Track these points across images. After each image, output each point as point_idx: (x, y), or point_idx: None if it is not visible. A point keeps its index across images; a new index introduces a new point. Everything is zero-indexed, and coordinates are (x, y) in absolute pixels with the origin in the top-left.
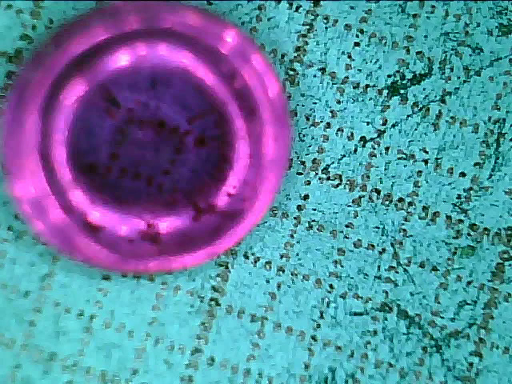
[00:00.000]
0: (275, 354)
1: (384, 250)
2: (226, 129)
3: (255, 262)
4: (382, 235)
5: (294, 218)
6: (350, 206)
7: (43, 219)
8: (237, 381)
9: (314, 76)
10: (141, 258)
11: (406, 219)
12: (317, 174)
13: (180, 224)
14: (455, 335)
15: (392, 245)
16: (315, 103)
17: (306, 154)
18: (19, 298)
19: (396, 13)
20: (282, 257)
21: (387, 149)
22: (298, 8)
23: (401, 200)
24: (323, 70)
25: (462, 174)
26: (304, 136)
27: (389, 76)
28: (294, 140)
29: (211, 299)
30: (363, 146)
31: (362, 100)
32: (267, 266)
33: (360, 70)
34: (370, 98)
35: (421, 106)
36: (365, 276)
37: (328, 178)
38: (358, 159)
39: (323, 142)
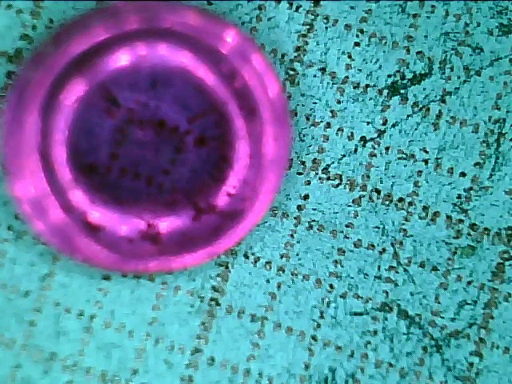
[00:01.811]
0: (275, 354)
1: (384, 249)
2: (226, 129)
3: (255, 261)
4: (382, 235)
5: (294, 218)
6: (350, 205)
7: (43, 219)
8: (237, 381)
9: (314, 76)
10: (141, 258)
11: (406, 219)
12: (317, 173)
13: (180, 224)
14: (455, 335)
15: (392, 245)
16: (315, 103)
17: (306, 154)
18: (19, 298)
19: (396, 13)
20: (282, 257)
21: (387, 149)
22: (298, 8)
23: (401, 200)
24: (323, 69)
25: (462, 174)
26: (304, 136)
27: (389, 76)
28: (294, 140)
29: (211, 299)
30: (363, 145)
31: (362, 100)
32: (267, 266)
33: (360, 70)
34: (370, 98)
35: (421, 105)
36: (365, 276)
37: (328, 178)
38: (358, 159)
39: (323, 142)
